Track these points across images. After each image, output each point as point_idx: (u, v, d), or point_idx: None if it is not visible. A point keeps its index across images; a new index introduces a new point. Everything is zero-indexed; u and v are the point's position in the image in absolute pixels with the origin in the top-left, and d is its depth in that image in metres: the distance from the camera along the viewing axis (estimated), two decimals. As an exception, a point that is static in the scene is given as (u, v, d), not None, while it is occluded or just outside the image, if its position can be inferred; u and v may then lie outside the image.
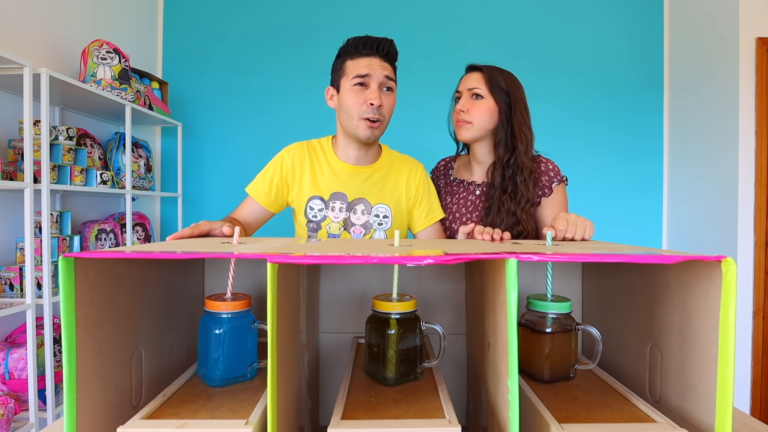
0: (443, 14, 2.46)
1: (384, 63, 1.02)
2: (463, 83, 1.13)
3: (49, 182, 1.49)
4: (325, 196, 1.08)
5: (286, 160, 1.10)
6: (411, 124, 2.41)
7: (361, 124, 1.02)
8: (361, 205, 1.08)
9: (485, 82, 1.09)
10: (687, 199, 2.30)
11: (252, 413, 0.44)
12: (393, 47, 1.03)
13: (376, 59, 1.01)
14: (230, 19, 2.48)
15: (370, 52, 1.01)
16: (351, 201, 1.08)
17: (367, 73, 1.00)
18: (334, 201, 1.08)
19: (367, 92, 1.01)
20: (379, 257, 0.39)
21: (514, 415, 0.39)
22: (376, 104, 1.00)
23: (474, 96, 1.10)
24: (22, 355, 1.43)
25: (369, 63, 1.01)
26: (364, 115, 1.01)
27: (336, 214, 1.08)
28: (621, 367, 0.59)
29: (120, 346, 0.48)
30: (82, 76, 1.81)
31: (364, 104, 1.00)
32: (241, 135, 2.49)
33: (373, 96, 1.00)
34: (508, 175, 1.08)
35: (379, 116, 1.01)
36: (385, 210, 1.10)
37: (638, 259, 0.40)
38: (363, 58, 1.01)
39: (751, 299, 1.97)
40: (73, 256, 0.40)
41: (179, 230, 0.74)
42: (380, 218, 1.09)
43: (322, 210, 1.08)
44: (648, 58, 2.44)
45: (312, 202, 1.08)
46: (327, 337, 0.71)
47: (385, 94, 1.03)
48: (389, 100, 1.03)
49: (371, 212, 1.09)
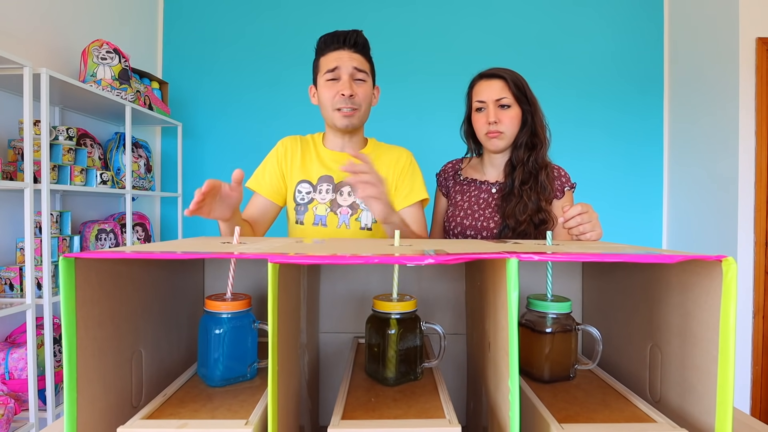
0: (443, 17, 2.46)
1: (353, 54, 1.05)
2: (487, 93, 1.11)
3: (49, 182, 1.49)
4: (313, 180, 1.12)
5: (280, 150, 1.14)
6: (411, 124, 2.41)
7: (336, 114, 1.06)
8: (346, 186, 1.10)
9: (509, 90, 1.09)
10: (687, 198, 2.30)
11: (252, 413, 0.44)
12: (360, 37, 1.06)
13: (345, 51, 1.05)
14: (230, 19, 2.48)
15: (338, 45, 1.05)
16: (337, 183, 1.11)
17: (335, 66, 1.04)
18: (321, 184, 1.11)
19: (339, 84, 1.04)
20: (380, 257, 0.39)
21: (515, 415, 0.39)
22: (347, 94, 1.03)
23: (500, 106, 1.10)
24: (22, 355, 1.43)
25: (338, 56, 1.05)
26: (337, 105, 1.05)
27: (323, 196, 1.10)
28: (621, 367, 0.59)
29: (120, 346, 0.48)
30: (82, 76, 1.81)
31: (336, 96, 1.04)
32: (241, 135, 2.49)
33: (344, 87, 1.03)
34: (528, 171, 1.10)
35: (352, 105, 1.05)
36: None
37: (638, 258, 0.40)
38: (332, 53, 1.05)
39: (751, 299, 1.97)
40: (74, 257, 0.40)
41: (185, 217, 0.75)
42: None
43: (310, 193, 1.11)
44: (648, 58, 2.44)
45: (300, 186, 1.11)
46: (327, 337, 0.71)
47: (358, 84, 1.06)
48: (362, 89, 1.06)
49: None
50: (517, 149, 1.11)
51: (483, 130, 1.12)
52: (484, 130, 1.11)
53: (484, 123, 1.11)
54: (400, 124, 2.41)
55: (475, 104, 1.13)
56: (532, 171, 1.09)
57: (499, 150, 1.13)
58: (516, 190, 1.08)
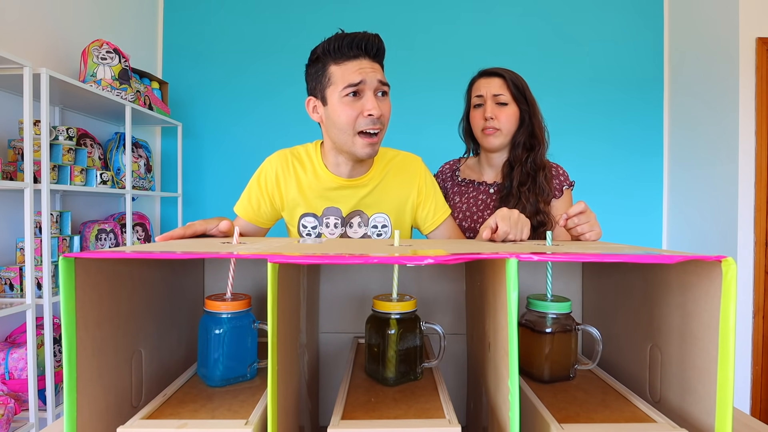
0: (444, 13, 2.46)
1: (374, 64, 0.88)
2: (485, 89, 1.10)
3: (49, 182, 1.49)
4: (317, 212, 0.99)
5: (269, 175, 0.99)
6: (411, 124, 2.41)
7: (358, 140, 0.89)
8: (357, 217, 1.00)
9: (507, 88, 1.09)
10: (687, 198, 2.30)
11: (252, 413, 0.44)
12: (382, 44, 0.89)
13: (366, 61, 0.87)
14: (230, 19, 2.48)
15: (357, 53, 0.86)
16: (346, 216, 0.99)
17: (360, 80, 0.86)
18: (327, 217, 0.99)
19: (363, 102, 0.87)
20: (379, 257, 0.39)
21: (515, 415, 0.39)
22: (376, 114, 0.87)
23: (498, 103, 1.10)
24: (22, 355, 1.43)
25: (360, 67, 0.86)
26: (362, 128, 0.88)
27: (331, 230, 0.99)
28: (621, 367, 0.59)
29: (120, 346, 0.48)
30: (82, 76, 1.81)
31: (361, 116, 0.87)
32: (242, 135, 2.49)
33: (371, 106, 0.86)
34: (526, 172, 1.09)
35: (380, 126, 0.89)
36: (383, 219, 1.01)
37: (638, 259, 0.40)
38: (351, 62, 0.86)
39: (751, 299, 1.97)
40: (74, 257, 0.40)
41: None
42: (379, 228, 1.01)
43: (316, 227, 1.00)
44: (648, 58, 2.44)
45: (304, 220, 1.00)
46: (327, 337, 0.71)
47: (381, 100, 0.89)
48: (386, 106, 0.91)
49: (368, 224, 1.01)
50: (515, 149, 1.11)
51: (479, 126, 1.12)
52: (481, 126, 1.11)
53: (480, 119, 1.11)
54: (401, 125, 2.41)
55: (474, 100, 1.14)
56: (530, 172, 1.09)
57: (495, 147, 1.12)
58: (514, 191, 1.08)
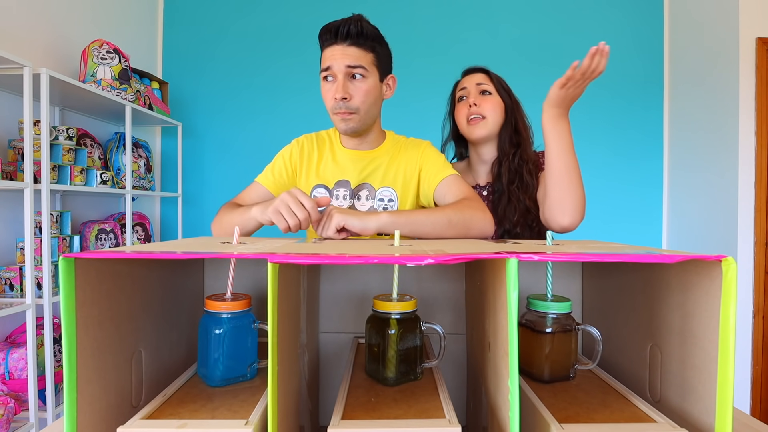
0: (443, 12, 2.46)
1: (347, 48, 0.93)
2: (468, 80, 1.13)
3: (49, 182, 1.49)
4: (329, 185, 1.06)
5: (295, 150, 1.09)
6: (411, 123, 2.41)
7: (336, 118, 0.98)
8: (365, 190, 1.05)
9: (491, 80, 1.12)
10: (687, 198, 2.30)
11: (252, 413, 0.44)
12: (354, 26, 0.92)
13: (338, 46, 0.93)
14: (230, 19, 2.48)
15: (332, 40, 0.93)
16: (354, 187, 1.06)
17: (328, 65, 0.93)
18: (338, 189, 1.06)
19: (333, 86, 0.94)
20: (379, 257, 0.39)
21: (514, 415, 0.39)
22: (339, 97, 0.93)
23: (482, 92, 1.11)
24: (22, 355, 1.43)
25: (331, 53, 0.93)
26: (333, 110, 0.96)
27: (340, 202, 1.05)
28: (621, 367, 0.59)
29: (120, 346, 0.48)
30: (82, 76, 1.81)
31: (333, 99, 0.95)
32: (241, 135, 2.49)
33: (337, 89, 0.93)
34: (514, 168, 1.09)
35: (347, 109, 0.95)
36: (389, 193, 1.06)
37: (638, 258, 0.40)
38: (327, 48, 0.94)
39: (751, 299, 1.97)
40: (74, 257, 0.40)
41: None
42: (385, 202, 1.06)
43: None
44: (648, 58, 2.44)
45: (316, 191, 1.07)
46: (327, 337, 0.71)
47: (354, 82, 0.94)
48: (359, 89, 0.95)
49: (375, 196, 1.06)
50: (503, 144, 1.11)
51: (464, 117, 1.12)
52: (466, 116, 1.11)
53: (465, 109, 1.12)
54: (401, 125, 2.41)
55: (458, 94, 1.15)
56: (518, 169, 1.09)
57: (482, 137, 1.11)
58: (505, 189, 1.08)
